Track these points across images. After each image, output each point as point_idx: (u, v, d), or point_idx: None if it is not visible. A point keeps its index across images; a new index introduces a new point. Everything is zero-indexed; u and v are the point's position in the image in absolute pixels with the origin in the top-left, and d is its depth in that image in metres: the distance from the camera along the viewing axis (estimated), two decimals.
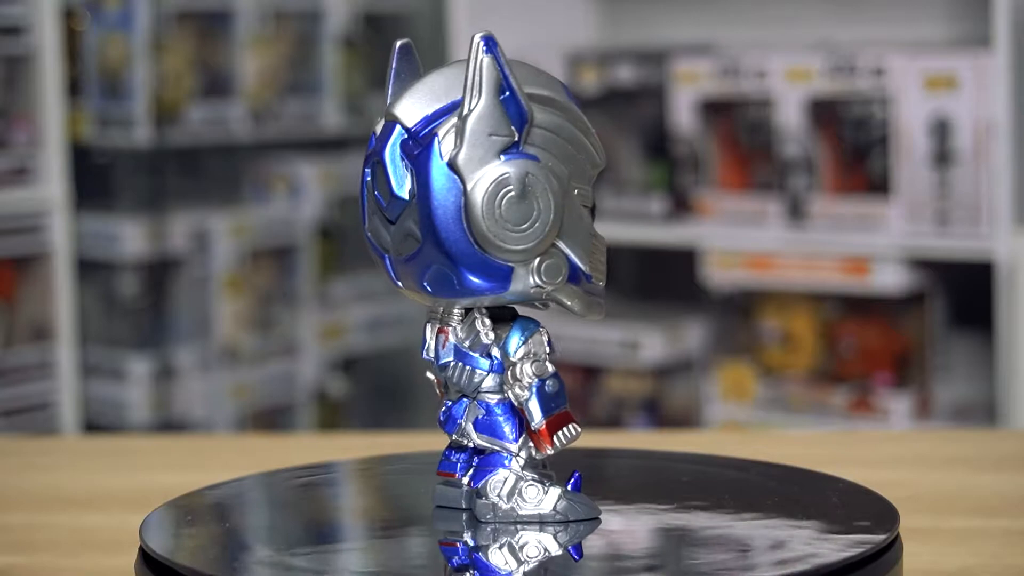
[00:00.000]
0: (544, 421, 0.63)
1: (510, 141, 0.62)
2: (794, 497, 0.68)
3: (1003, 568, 0.72)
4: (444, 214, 0.62)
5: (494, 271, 0.62)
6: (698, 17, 2.29)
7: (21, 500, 0.89)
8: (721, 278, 2.07)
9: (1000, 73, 1.82)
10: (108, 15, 2.28)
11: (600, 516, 0.65)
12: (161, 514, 0.67)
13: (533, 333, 0.63)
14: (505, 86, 0.62)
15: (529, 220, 0.62)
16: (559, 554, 0.62)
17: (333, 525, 0.70)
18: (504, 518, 0.64)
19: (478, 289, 0.62)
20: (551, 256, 0.62)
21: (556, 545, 0.63)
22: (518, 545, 0.63)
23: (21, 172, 2.03)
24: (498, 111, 0.62)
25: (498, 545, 0.63)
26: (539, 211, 0.62)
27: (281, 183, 2.51)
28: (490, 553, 0.62)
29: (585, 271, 0.63)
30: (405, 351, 2.63)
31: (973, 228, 1.86)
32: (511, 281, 0.62)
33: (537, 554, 0.62)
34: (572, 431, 0.63)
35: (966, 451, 0.97)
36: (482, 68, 0.62)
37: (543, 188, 0.62)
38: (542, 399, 0.63)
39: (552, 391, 0.63)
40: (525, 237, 0.62)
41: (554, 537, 0.63)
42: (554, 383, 0.63)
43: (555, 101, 0.63)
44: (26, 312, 2.08)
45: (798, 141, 1.99)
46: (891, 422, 1.95)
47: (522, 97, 0.62)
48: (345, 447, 0.99)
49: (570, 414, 0.63)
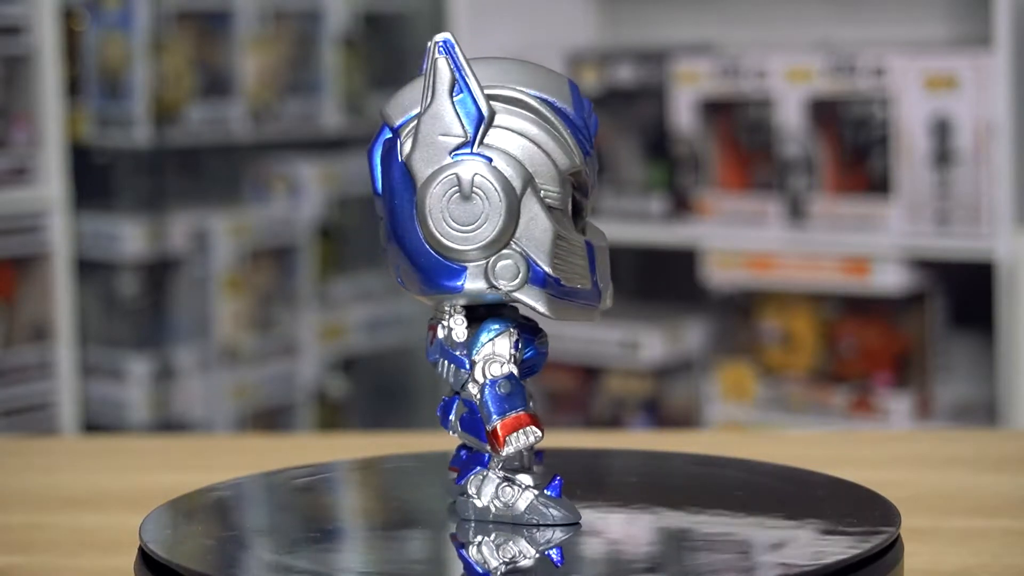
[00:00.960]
0: (497, 422, 0.63)
1: (462, 141, 0.62)
2: (794, 497, 0.68)
3: (1003, 568, 0.72)
4: (402, 212, 0.63)
5: (448, 271, 0.62)
6: (698, 17, 2.29)
7: (21, 500, 0.89)
8: (721, 278, 2.07)
9: (1000, 73, 1.82)
10: (108, 15, 2.28)
11: (580, 521, 0.64)
12: (161, 514, 0.67)
13: (499, 334, 0.63)
14: (460, 86, 0.62)
15: (476, 221, 0.62)
16: (559, 555, 0.62)
17: (333, 525, 0.70)
18: (481, 517, 0.64)
19: (436, 288, 0.62)
20: (506, 257, 0.62)
21: (555, 546, 0.63)
22: (518, 545, 0.63)
23: (21, 172, 2.03)
24: (450, 111, 0.62)
25: (496, 546, 0.63)
26: (487, 212, 0.62)
27: (281, 183, 2.51)
28: (486, 554, 0.62)
29: (548, 272, 0.62)
30: (405, 351, 2.63)
31: (973, 228, 1.86)
32: (466, 281, 0.62)
33: (537, 554, 0.62)
34: (528, 435, 0.62)
35: (966, 451, 0.97)
36: (435, 69, 0.62)
37: (492, 189, 0.62)
38: (494, 400, 0.63)
39: (504, 392, 0.63)
40: (472, 238, 0.62)
41: (552, 538, 0.63)
42: (507, 384, 0.63)
43: (524, 103, 0.63)
44: (26, 312, 2.08)
45: (798, 141, 1.99)
46: (891, 422, 1.95)
47: (479, 97, 0.62)
48: (345, 447, 0.99)
49: (528, 417, 0.62)
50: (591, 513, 0.66)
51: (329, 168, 2.52)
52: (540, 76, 0.64)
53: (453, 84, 0.62)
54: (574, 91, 0.64)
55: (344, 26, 2.52)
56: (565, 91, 0.64)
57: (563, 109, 0.64)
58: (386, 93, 2.71)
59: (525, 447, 0.63)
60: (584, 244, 0.63)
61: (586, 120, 0.64)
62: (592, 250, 0.63)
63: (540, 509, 0.63)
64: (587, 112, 0.64)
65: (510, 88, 0.63)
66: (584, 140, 0.64)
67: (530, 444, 0.62)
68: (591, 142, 0.64)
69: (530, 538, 0.63)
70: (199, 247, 2.36)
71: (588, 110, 0.64)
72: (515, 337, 0.63)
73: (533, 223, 0.62)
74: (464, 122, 0.62)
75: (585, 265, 0.63)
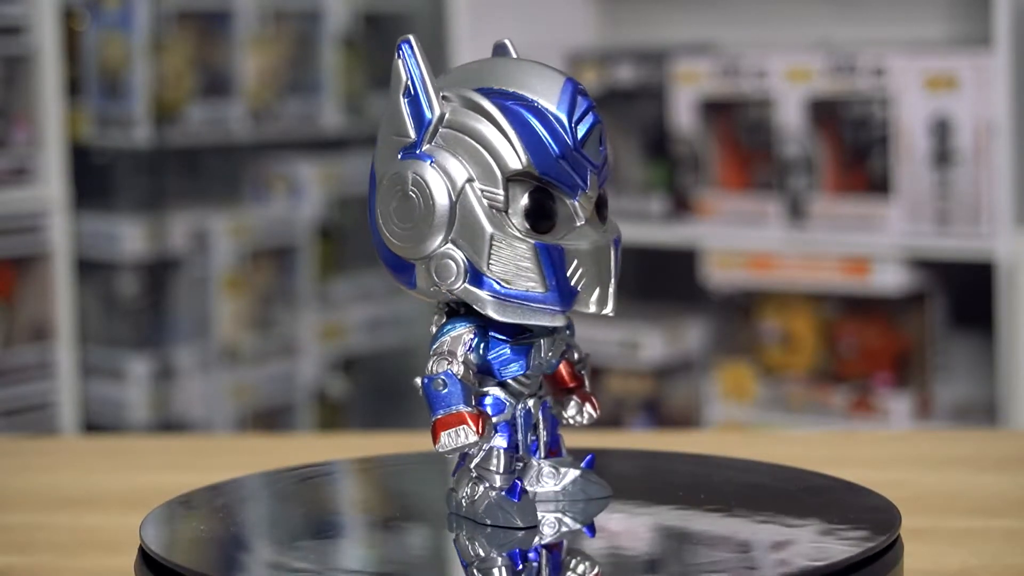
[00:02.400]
0: (434, 419, 0.63)
1: (409, 141, 0.63)
2: (794, 497, 0.68)
3: (1003, 568, 0.72)
4: (373, 210, 0.65)
5: (403, 268, 0.64)
6: (698, 17, 2.29)
7: (21, 500, 0.89)
8: (721, 278, 2.07)
9: (1000, 73, 1.82)
10: (108, 15, 2.28)
11: (537, 525, 0.64)
12: (161, 514, 0.67)
13: (452, 331, 0.64)
14: (411, 88, 0.63)
15: (413, 219, 0.63)
16: (559, 555, 0.62)
17: (333, 525, 0.70)
18: (457, 511, 0.65)
19: (399, 284, 0.65)
20: (445, 256, 0.62)
21: (556, 546, 0.63)
22: (518, 543, 0.63)
23: (21, 172, 2.03)
24: (402, 113, 0.63)
25: (497, 543, 0.63)
26: (421, 210, 0.63)
27: (281, 183, 2.51)
28: (488, 551, 0.62)
29: (484, 273, 0.62)
30: (405, 351, 2.63)
31: (973, 228, 1.86)
32: (416, 278, 0.64)
33: (537, 553, 0.62)
34: (461, 434, 0.62)
35: (966, 451, 0.97)
36: (394, 71, 0.64)
37: (426, 189, 0.62)
38: (429, 396, 0.63)
39: (439, 391, 0.63)
40: (408, 235, 0.63)
41: (554, 537, 0.63)
42: (443, 382, 0.63)
43: (479, 105, 0.63)
44: (26, 312, 2.08)
45: (798, 141, 1.99)
46: (891, 422, 1.95)
47: (424, 99, 0.63)
48: (345, 447, 0.99)
49: (465, 416, 0.62)
50: (591, 513, 0.66)
51: (329, 168, 2.52)
52: (531, 75, 0.64)
53: (405, 86, 0.63)
54: (566, 91, 0.63)
55: (344, 26, 2.52)
56: (555, 91, 0.63)
57: (543, 109, 0.63)
58: (386, 93, 2.71)
59: (459, 447, 0.62)
60: (533, 247, 0.62)
61: (572, 121, 0.63)
62: (549, 252, 0.62)
63: (495, 511, 0.64)
64: (578, 113, 0.63)
65: (468, 89, 0.63)
66: (560, 142, 0.63)
67: (463, 444, 0.62)
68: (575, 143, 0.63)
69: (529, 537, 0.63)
70: (199, 247, 2.36)
71: (582, 111, 0.63)
72: (470, 337, 0.64)
73: (470, 224, 0.62)
74: (411, 123, 0.63)
75: (533, 267, 0.62)
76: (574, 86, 0.63)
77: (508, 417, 0.65)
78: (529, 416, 0.65)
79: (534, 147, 0.62)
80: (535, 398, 0.66)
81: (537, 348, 0.65)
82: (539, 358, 0.65)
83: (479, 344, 0.64)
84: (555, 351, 0.65)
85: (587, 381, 0.68)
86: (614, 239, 0.65)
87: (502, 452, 0.64)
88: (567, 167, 0.63)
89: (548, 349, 0.65)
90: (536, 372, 0.65)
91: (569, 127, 0.63)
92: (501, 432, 0.65)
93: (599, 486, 0.67)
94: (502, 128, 0.62)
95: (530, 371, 0.65)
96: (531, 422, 0.66)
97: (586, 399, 0.67)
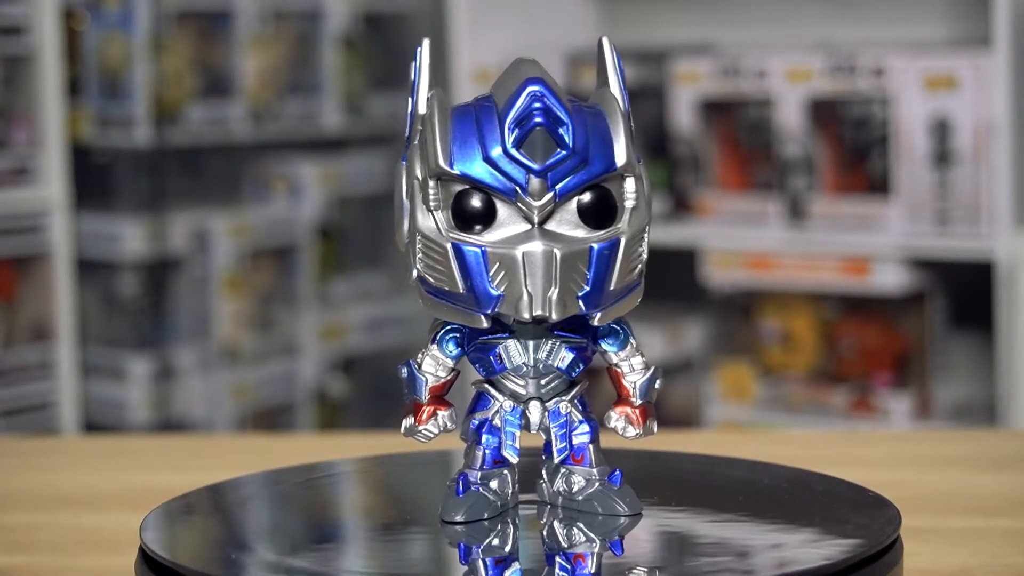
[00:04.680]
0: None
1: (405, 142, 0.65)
2: (794, 497, 0.68)
3: (1003, 568, 0.72)
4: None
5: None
6: (698, 17, 2.29)
7: (21, 500, 0.89)
8: (721, 278, 2.07)
9: (1000, 73, 1.82)
10: (108, 15, 2.28)
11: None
12: (161, 514, 0.67)
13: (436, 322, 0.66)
14: (413, 90, 0.65)
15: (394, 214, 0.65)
16: (558, 553, 0.62)
17: (333, 525, 0.70)
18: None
19: None
20: (407, 251, 0.65)
21: (555, 545, 0.63)
22: (518, 543, 0.63)
23: (21, 172, 2.03)
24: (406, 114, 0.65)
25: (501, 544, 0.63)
26: (394, 208, 0.65)
27: (281, 183, 2.51)
28: (486, 553, 0.62)
29: (419, 270, 0.63)
30: (405, 351, 2.62)
31: (973, 228, 1.86)
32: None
33: (538, 553, 0.62)
34: (407, 420, 0.66)
35: (966, 451, 0.97)
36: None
37: (397, 186, 0.65)
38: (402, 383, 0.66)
39: (402, 378, 0.66)
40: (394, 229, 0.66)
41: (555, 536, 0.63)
42: (404, 371, 0.66)
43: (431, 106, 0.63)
44: (26, 312, 2.08)
45: (798, 141, 1.99)
46: (891, 422, 1.95)
47: (414, 100, 0.65)
48: (345, 447, 0.99)
49: (417, 406, 0.65)
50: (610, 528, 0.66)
51: (329, 168, 2.52)
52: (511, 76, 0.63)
53: (411, 88, 0.65)
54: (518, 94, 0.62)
55: (344, 26, 2.52)
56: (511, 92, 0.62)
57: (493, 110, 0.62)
58: (386, 93, 2.71)
59: (405, 431, 0.65)
60: (450, 246, 0.62)
61: (511, 123, 0.62)
62: (465, 253, 0.62)
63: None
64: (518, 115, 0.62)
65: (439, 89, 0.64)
66: (491, 144, 0.62)
67: (405, 429, 0.65)
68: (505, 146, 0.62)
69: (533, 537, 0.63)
70: (199, 247, 2.36)
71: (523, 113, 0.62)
72: (438, 332, 0.65)
73: (411, 221, 0.64)
74: (408, 123, 0.65)
75: (448, 267, 0.62)
76: (532, 88, 0.62)
77: (488, 415, 0.65)
78: (519, 417, 0.65)
79: (461, 148, 0.62)
80: (539, 401, 0.65)
81: (515, 348, 0.64)
82: (523, 358, 0.64)
83: (462, 339, 0.65)
84: (555, 355, 0.64)
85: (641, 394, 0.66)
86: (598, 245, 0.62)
87: (475, 447, 0.65)
88: (495, 169, 0.62)
89: (539, 351, 0.64)
90: (521, 374, 0.64)
91: (506, 129, 0.62)
92: (486, 431, 0.65)
93: (619, 504, 0.65)
94: (435, 128, 0.63)
95: (511, 372, 0.64)
96: (518, 424, 0.65)
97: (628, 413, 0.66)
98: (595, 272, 0.62)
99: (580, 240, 0.62)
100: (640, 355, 0.67)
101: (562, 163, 0.62)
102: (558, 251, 0.61)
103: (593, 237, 0.62)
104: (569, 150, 0.62)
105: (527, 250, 0.61)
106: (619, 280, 0.63)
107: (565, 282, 0.62)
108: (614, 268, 0.63)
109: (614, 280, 0.63)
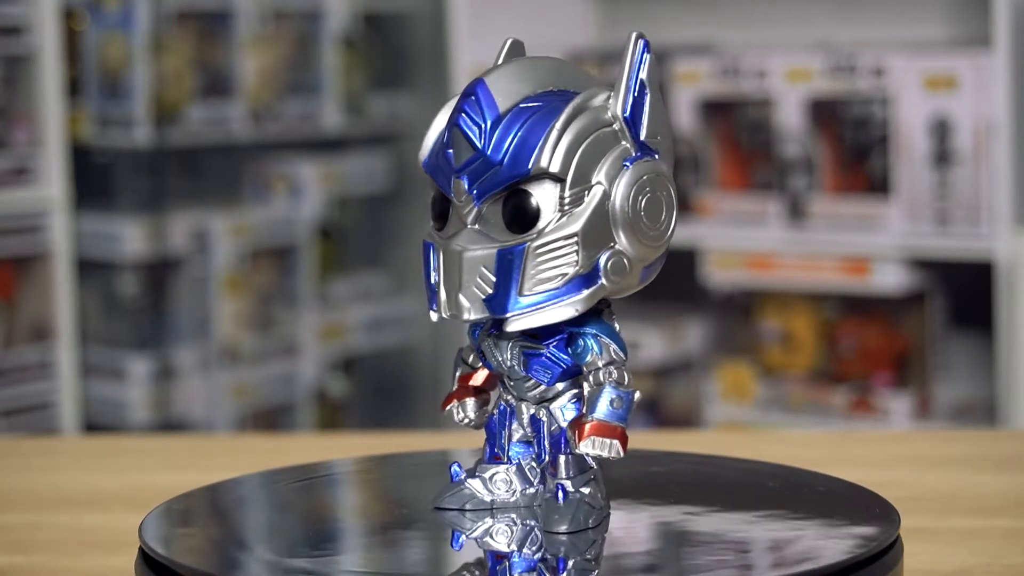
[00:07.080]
0: None
1: None
2: (794, 497, 0.68)
3: (1003, 568, 0.72)
4: None
5: None
6: (698, 17, 2.29)
7: (21, 500, 0.89)
8: (721, 278, 2.07)
9: (1000, 73, 1.82)
10: (108, 15, 2.28)
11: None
12: (161, 514, 0.67)
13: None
14: None
15: None
16: (558, 554, 0.62)
17: (332, 525, 0.70)
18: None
19: None
20: None
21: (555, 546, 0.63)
22: (519, 544, 0.63)
23: (21, 172, 2.03)
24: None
25: (502, 542, 0.63)
26: None
27: (281, 183, 2.51)
28: (484, 551, 0.62)
29: None
30: (405, 351, 2.63)
31: (973, 228, 1.86)
32: None
33: (537, 554, 0.62)
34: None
35: (966, 451, 0.97)
36: None
37: None
38: None
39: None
40: None
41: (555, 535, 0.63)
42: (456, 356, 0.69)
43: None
44: (26, 312, 2.08)
45: (798, 141, 1.99)
46: (891, 422, 1.95)
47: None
48: (345, 447, 0.99)
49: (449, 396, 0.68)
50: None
51: (329, 168, 2.52)
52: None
53: None
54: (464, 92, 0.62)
55: (344, 26, 2.52)
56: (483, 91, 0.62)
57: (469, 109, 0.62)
58: (386, 93, 2.72)
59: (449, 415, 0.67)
60: (422, 244, 0.64)
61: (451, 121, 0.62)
62: (425, 251, 0.63)
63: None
64: (452, 115, 0.62)
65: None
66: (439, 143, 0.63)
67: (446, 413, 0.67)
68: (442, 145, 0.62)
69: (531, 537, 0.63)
70: (199, 247, 2.36)
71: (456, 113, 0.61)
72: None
73: None
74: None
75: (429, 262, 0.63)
76: (471, 86, 0.62)
77: (490, 410, 0.66)
78: (510, 416, 0.65)
79: (432, 146, 0.64)
80: (524, 402, 0.65)
81: (489, 347, 0.64)
82: (495, 358, 0.64)
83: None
84: (516, 358, 0.64)
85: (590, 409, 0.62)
86: (498, 250, 0.61)
87: (485, 441, 0.66)
88: (437, 169, 0.63)
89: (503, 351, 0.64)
90: (496, 371, 0.65)
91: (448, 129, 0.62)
92: (489, 426, 0.66)
93: (558, 518, 0.63)
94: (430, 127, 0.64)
95: (492, 368, 0.65)
96: (505, 422, 0.65)
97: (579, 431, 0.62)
98: (498, 277, 0.61)
99: (493, 243, 0.61)
100: (614, 369, 0.63)
101: (473, 165, 0.62)
102: (466, 254, 0.61)
103: (507, 241, 0.61)
104: (480, 152, 0.61)
105: (450, 249, 0.62)
106: (529, 287, 0.61)
107: (469, 285, 0.61)
108: (521, 274, 0.61)
109: (523, 286, 0.61)
